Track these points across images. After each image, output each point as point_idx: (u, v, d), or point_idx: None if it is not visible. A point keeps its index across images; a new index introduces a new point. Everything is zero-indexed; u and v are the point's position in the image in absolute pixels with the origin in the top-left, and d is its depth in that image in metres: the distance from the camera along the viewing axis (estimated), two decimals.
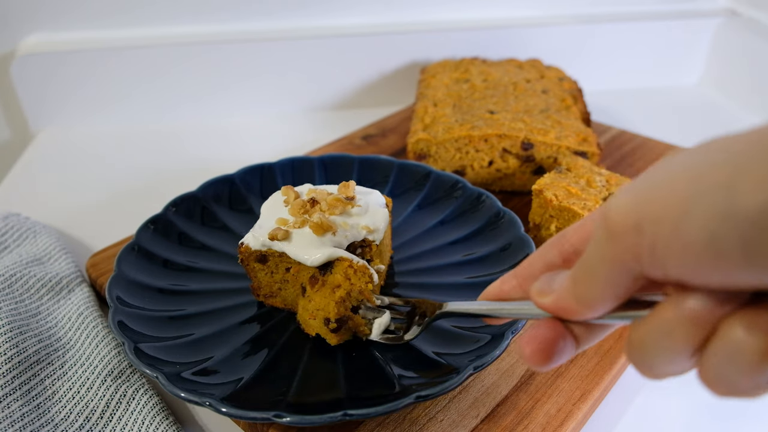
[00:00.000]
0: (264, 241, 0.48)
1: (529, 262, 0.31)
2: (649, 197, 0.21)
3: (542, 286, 0.28)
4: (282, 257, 0.48)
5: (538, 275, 0.30)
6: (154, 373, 0.41)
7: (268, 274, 0.50)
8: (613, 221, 0.22)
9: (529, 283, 0.30)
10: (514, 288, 0.32)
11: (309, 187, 0.53)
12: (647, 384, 0.51)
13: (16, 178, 0.81)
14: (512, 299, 0.32)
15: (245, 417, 0.39)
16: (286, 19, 0.95)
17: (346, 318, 0.45)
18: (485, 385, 0.47)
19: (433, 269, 0.56)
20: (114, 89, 0.92)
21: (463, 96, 0.76)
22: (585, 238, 0.29)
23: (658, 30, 1.03)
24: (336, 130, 0.90)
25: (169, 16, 0.92)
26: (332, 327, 0.45)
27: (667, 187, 0.21)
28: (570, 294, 0.26)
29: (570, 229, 0.30)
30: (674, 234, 0.20)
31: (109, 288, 0.49)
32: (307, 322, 0.48)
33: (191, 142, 0.89)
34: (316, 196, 0.50)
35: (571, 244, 0.30)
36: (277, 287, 0.51)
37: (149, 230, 0.56)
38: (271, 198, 0.53)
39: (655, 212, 0.21)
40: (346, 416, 0.38)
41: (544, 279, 0.28)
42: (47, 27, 0.89)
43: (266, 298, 0.52)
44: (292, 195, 0.51)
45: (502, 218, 0.57)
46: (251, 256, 0.49)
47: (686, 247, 0.20)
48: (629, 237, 0.22)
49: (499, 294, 0.33)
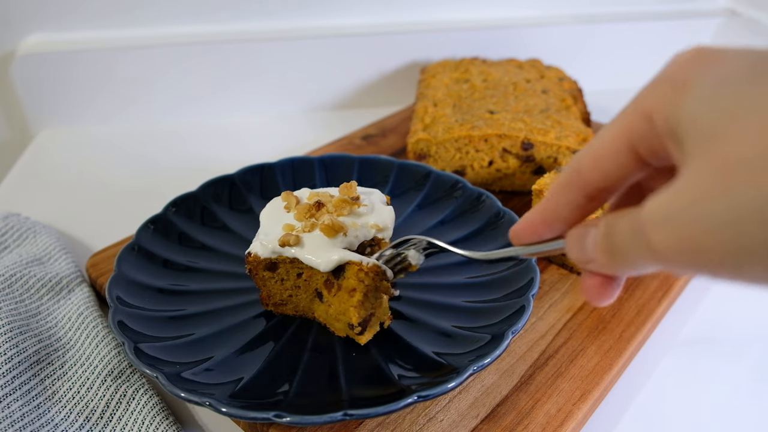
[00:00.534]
0: (274, 248, 0.47)
1: (554, 206, 0.30)
2: None
3: (580, 256, 0.29)
4: (293, 263, 0.48)
5: (567, 218, 0.30)
6: (154, 373, 0.41)
7: (279, 281, 0.49)
8: None
9: (559, 226, 0.30)
10: (543, 228, 0.31)
11: (308, 191, 0.53)
12: (647, 384, 0.51)
13: (16, 178, 0.81)
14: (541, 239, 0.32)
15: (245, 417, 0.39)
16: (286, 19, 0.95)
17: (369, 317, 0.46)
18: (485, 385, 0.47)
19: (433, 269, 0.56)
20: (114, 89, 0.92)
21: (463, 96, 0.76)
22: (604, 176, 0.27)
23: (658, 30, 1.03)
24: (336, 130, 0.90)
25: (169, 16, 0.92)
26: (357, 331, 0.46)
27: None
28: (608, 266, 0.27)
29: (583, 165, 0.28)
30: None
31: (109, 288, 0.48)
32: (333, 325, 0.49)
33: (191, 142, 0.89)
34: (320, 199, 0.50)
35: (591, 185, 0.28)
36: (288, 294, 0.50)
37: (149, 230, 0.56)
38: (269, 205, 0.52)
39: None
40: (346, 416, 0.38)
41: (576, 243, 0.29)
42: (47, 27, 0.89)
43: (276, 306, 0.51)
44: (293, 200, 0.51)
45: (502, 218, 0.57)
46: (260, 264, 0.48)
47: None
48: None
49: (532, 234, 0.32)
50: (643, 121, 0.25)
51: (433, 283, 0.54)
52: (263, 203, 0.54)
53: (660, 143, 0.25)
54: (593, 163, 0.27)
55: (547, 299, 0.55)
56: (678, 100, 0.23)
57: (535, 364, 0.49)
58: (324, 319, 0.50)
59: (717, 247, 0.21)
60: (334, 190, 0.53)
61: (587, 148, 0.28)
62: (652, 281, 0.56)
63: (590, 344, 0.50)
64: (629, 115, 0.26)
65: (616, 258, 0.26)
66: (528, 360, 0.49)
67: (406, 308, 0.52)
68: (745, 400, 0.49)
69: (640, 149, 0.26)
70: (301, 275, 0.48)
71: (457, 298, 0.52)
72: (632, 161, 0.26)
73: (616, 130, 0.26)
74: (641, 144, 0.25)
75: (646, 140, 0.25)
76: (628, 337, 0.51)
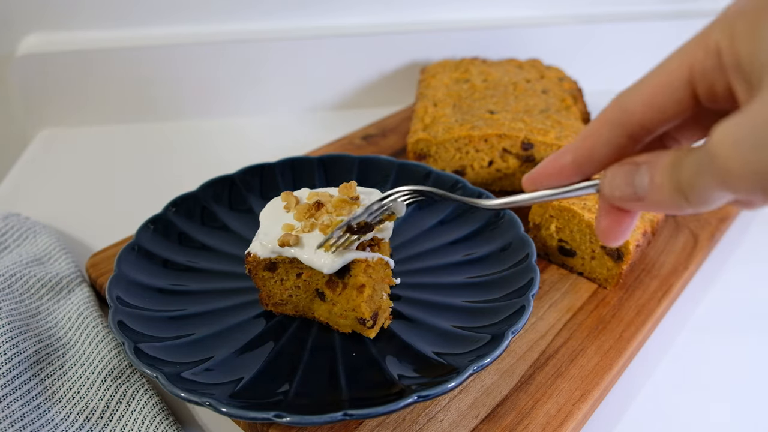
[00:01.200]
0: (273, 248, 0.47)
1: (591, 145, 0.29)
2: None
3: (627, 193, 0.28)
4: (293, 263, 0.48)
5: (602, 159, 0.29)
6: (154, 373, 0.41)
7: (278, 282, 0.49)
8: None
9: (589, 168, 0.29)
10: (572, 169, 0.30)
11: (308, 191, 0.53)
12: (647, 384, 0.51)
13: (16, 178, 0.81)
14: (567, 182, 0.31)
15: (245, 417, 0.39)
16: (286, 19, 0.95)
17: (377, 311, 0.47)
18: (485, 385, 0.47)
19: (433, 269, 0.56)
20: (114, 89, 0.92)
21: (463, 96, 0.76)
22: (656, 111, 0.27)
23: (658, 30, 1.03)
24: (336, 130, 0.90)
25: (169, 16, 0.92)
26: (369, 324, 0.47)
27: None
28: (670, 201, 0.26)
29: (631, 101, 0.27)
30: None
31: (109, 288, 0.48)
32: (338, 322, 0.49)
33: (191, 142, 0.89)
34: (320, 199, 0.50)
35: (638, 123, 0.27)
36: (288, 294, 0.50)
37: (149, 230, 0.56)
38: (269, 205, 0.52)
39: None
40: (346, 416, 0.38)
41: (624, 179, 0.28)
42: (47, 27, 0.89)
43: (276, 306, 0.51)
44: (293, 200, 0.51)
45: (502, 218, 0.57)
46: (260, 264, 0.48)
47: None
48: None
49: (559, 176, 0.31)
50: (708, 56, 0.25)
51: (433, 283, 0.54)
52: (263, 203, 0.54)
53: (723, 79, 0.24)
54: (646, 98, 0.27)
55: (547, 299, 0.55)
56: (754, 34, 0.23)
57: (535, 364, 0.49)
58: (326, 318, 0.50)
59: None
60: (333, 190, 0.53)
61: (637, 84, 0.27)
62: (651, 281, 0.57)
63: (590, 344, 0.50)
64: (692, 49, 0.25)
65: (683, 191, 0.25)
66: (528, 360, 0.49)
67: (406, 308, 0.52)
68: (745, 400, 0.49)
69: (699, 86, 0.25)
70: (301, 275, 0.48)
71: (456, 298, 0.52)
72: (688, 98, 0.26)
73: (676, 63, 0.26)
74: (702, 80, 0.25)
75: (709, 75, 0.25)
76: (628, 337, 0.51)
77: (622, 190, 0.28)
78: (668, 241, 0.62)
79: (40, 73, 0.88)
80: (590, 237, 0.55)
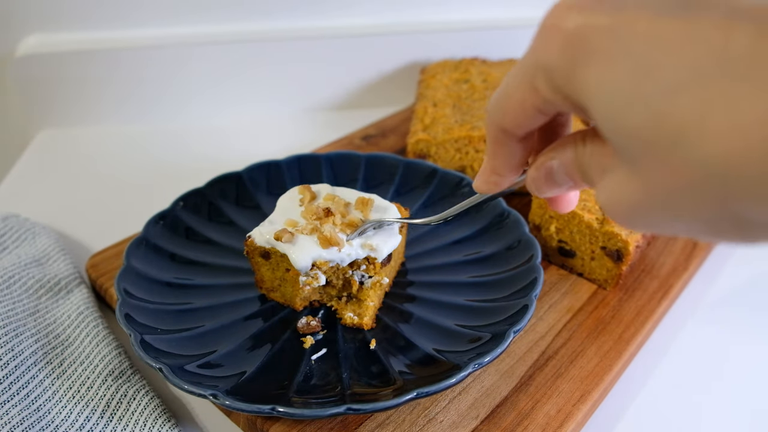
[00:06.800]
0: (269, 239, 0.48)
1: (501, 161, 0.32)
2: None
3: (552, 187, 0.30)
4: (283, 257, 0.48)
5: (516, 163, 0.32)
6: (157, 365, 0.41)
7: (270, 270, 0.51)
8: None
9: (509, 173, 0.32)
10: (501, 180, 0.33)
11: (328, 188, 0.54)
12: (647, 385, 0.51)
13: (15, 179, 0.81)
14: (504, 187, 0.34)
15: (248, 410, 0.39)
16: (286, 19, 0.95)
17: None
18: (485, 385, 0.47)
19: (436, 268, 0.56)
20: (114, 89, 0.92)
21: (463, 96, 0.76)
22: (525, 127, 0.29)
23: None
24: (336, 130, 0.89)
25: (169, 16, 0.92)
26: None
27: None
28: None
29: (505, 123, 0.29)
30: None
31: (118, 281, 0.49)
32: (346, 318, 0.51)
33: (190, 142, 0.89)
34: (332, 207, 0.50)
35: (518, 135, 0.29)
36: (278, 283, 0.51)
37: (157, 225, 0.56)
38: (289, 192, 0.54)
39: None
40: (349, 410, 0.39)
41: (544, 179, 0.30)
42: (47, 27, 0.89)
43: (268, 291, 0.53)
44: (308, 196, 0.52)
45: (507, 218, 0.57)
46: (256, 250, 0.50)
47: None
48: None
49: (496, 187, 0.34)
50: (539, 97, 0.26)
51: (435, 282, 0.55)
52: (270, 200, 0.55)
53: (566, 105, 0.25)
54: (511, 119, 0.28)
55: (547, 300, 0.55)
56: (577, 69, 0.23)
57: (535, 364, 0.49)
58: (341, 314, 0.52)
59: None
60: (353, 193, 0.53)
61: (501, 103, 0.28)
62: (651, 282, 0.57)
63: (590, 345, 0.50)
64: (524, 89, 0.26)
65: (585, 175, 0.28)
66: (528, 361, 0.49)
67: (409, 305, 0.52)
68: (745, 400, 0.49)
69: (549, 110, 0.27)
70: (289, 270, 0.49)
71: (459, 296, 0.52)
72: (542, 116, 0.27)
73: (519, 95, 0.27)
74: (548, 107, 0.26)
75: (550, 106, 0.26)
76: (627, 338, 0.51)
77: (547, 186, 0.31)
78: (668, 241, 0.62)
79: (40, 74, 0.88)
80: (590, 238, 0.55)
